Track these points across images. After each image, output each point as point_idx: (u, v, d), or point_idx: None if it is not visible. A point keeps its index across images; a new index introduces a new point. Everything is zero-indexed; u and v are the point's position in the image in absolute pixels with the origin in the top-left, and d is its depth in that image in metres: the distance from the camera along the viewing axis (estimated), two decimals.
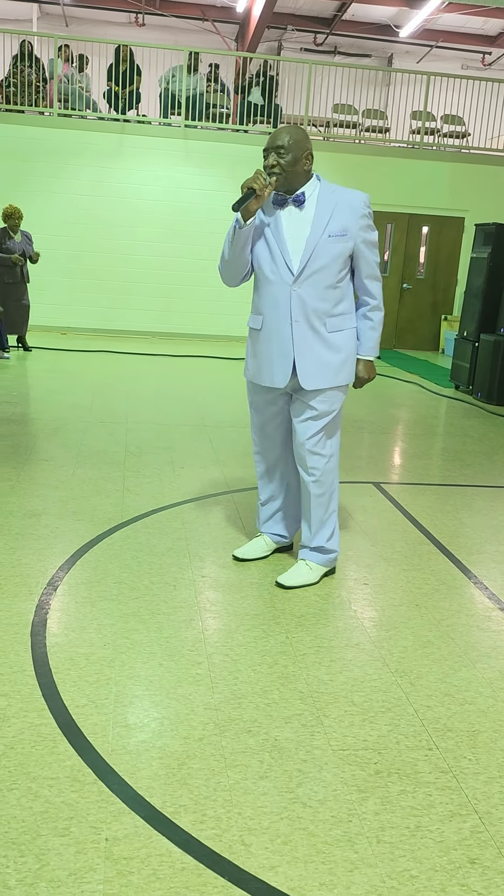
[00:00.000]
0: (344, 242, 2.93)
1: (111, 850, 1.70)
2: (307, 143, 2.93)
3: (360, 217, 2.95)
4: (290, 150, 2.89)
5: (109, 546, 3.43)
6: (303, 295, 2.94)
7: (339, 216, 2.93)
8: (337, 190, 2.98)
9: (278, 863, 1.69)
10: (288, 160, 2.89)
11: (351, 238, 2.94)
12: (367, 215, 2.97)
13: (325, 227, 2.92)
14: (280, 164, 2.89)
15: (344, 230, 2.93)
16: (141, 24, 16.29)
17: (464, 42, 16.57)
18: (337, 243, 2.92)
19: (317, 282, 2.94)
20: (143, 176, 11.18)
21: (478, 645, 2.74)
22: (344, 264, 2.97)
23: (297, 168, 2.92)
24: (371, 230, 3.00)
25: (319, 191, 2.97)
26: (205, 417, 6.19)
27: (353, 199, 2.96)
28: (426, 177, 11.68)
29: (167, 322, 11.56)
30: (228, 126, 11.62)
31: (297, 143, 2.89)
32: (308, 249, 2.91)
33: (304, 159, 2.92)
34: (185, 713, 2.21)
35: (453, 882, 1.66)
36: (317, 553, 3.17)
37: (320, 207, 2.94)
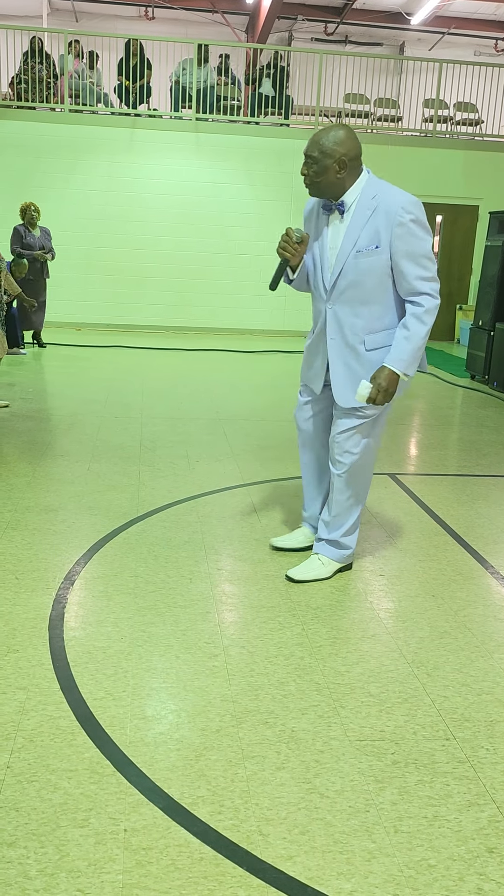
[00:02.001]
0: (376, 256, 2.75)
1: (130, 840, 1.71)
2: (340, 149, 2.69)
3: (397, 226, 2.70)
4: (318, 160, 2.72)
5: (125, 540, 3.45)
6: (337, 312, 2.88)
7: (372, 226, 2.73)
8: (379, 193, 2.74)
9: (296, 853, 1.70)
10: (315, 170, 2.75)
11: (385, 250, 2.74)
12: (404, 223, 2.70)
13: (356, 242, 2.76)
14: (308, 175, 2.77)
15: (376, 242, 2.74)
16: (151, 17, 16.26)
17: (476, 28, 16.39)
18: (367, 258, 2.75)
19: (350, 298, 2.83)
20: (154, 170, 11.17)
21: (495, 635, 2.73)
22: (380, 278, 2.78)
23: (328, 178, 2.74)
24: (410, 239, 2.72)
25: (360, 196, 2.76)
26: (219, 411, 6.20)
27: (391, 204, 2.71)
28: (439, 165, 11.59)
29: (181, 316, 11.57)
30: (240, 118, 11.59)
31: (325, 153, 2.70)
32: (338, 266, 2.81)
33: (335, 167, 2.71)
34: (202, 705, 2.23)
35: (471, 871, 1.66)
36: (331, 547, 3.14)
37: (356, 217, 2.77)
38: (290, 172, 11.34)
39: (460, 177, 11.65)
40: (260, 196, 11.38)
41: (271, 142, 11.27)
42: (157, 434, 5.34)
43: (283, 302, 11.71)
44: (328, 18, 16.35)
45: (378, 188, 2.77)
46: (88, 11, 16.06)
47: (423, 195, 11.63)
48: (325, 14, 16.22)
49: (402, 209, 2.71)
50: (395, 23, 16.17)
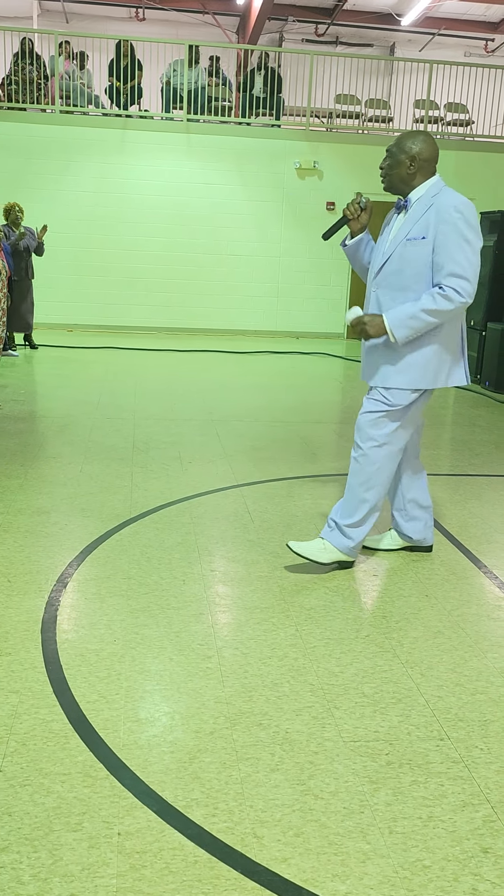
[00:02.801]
0: (421, 246, 2.89)
1: (124, 844, 1.70)
2: (415, 148, 2.92)
3: (443, 222, 2.85)
4: (393, 154, 2.97)
5: (118, 542, 3.43)
6: (379, 295, 3.03)
7: (425, 220, 2.90)
8: (440, 193, 2.92)
9: (291, 855, 1.69)
10: (389, 163, 2.99)
11: (429, 242, 2.88)
12: (451, 221, 2.84)
13: (408, 232, 2.94)
14: (384, 166, 3.01)
15: (424, 234, 2.89)
16: (141, 18, 16.24)
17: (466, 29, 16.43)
18: (414, 247, 2.91)
19: (391, 284, 2.98)
20: (146, 171, 11.16)
21: (488, 635, 2.73)
22: (421, 268, 2.91)
23: (400, 172, 2.96)
24: (452, 237, 2.83)
25: (424, 196, 2.95)
26: (212, 412, 6.19)
27: (443, 202, 2.88)
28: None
29: (173, 317, 11.56)
30: (231, 119, 11.58)
31: (402, 148, 2.94)
32: (388, 251, 3.00)
33: (406, 163, 2.93)
34: (196, 707, 2.22)
35: (466, 872, 1.66)
36: (337, 532, 3.15)
37: (414, 211, 2.95)
38: (281, 173, 11.34)
39: (451, 177, 11.67)
40: (252, 197, 11.38)
41: (263, 143, 11.27)
42: (149, 435, 5.33)
43: (275, 303, 11.72)
44: (319, 19, 16.37)
45: (440, 189, 2.95)
46: (79, 13, 16.03)
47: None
48: (316, 15, 16.23)
49: (454, 208, 2.86)
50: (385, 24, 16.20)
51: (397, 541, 3.46)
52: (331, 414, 6.39)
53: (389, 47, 17.43)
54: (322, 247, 11.61)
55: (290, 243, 11.58)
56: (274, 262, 11.61)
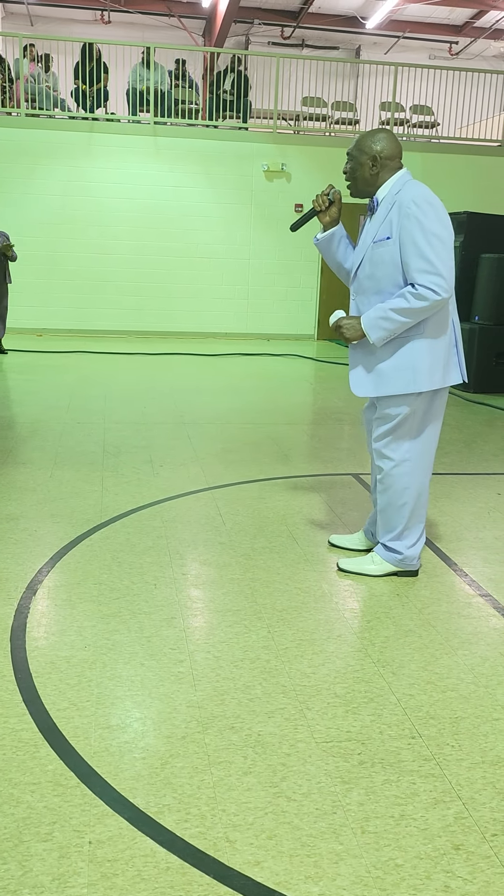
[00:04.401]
0: (387, 247, 2.81)
1: (95, 852, 1.68)
2: (374, 147, 2.85)
3: (404, 217, 2.76)
4: (354, 156, 2.90)
5: (89, 547, 3.41)
6: (359, 303, 2.98)
7: (389, 218, 2.82)
8: (403, 189, 2.82)
9: (263, 858, 1.68)
10: (351, 166, 2.92)
11: (395, 241, 2.79)
12: (412, 215, 2.74)
13: (375, 234, 2.86)
14: (346, 171, 2.94)
15: (388, 233, 2.81)
16: (106, 21, 16.19)
17: (430, 32, 16.61)
18: (381, 248, 2.83)
19: (366, 289, 2.93)
20: (114, 174, 11.11)
21: (459, 632, 2.75)
22: (391, 268, 2.83)
23: (362, 173, 2.89)
24: (414, 231, 2.73)
25: (387, 193, 2.87)
26: (183, 414, 6.17)
27: (403, 198, 2.78)
28: None
29: (143, 320, 11.52)
30: (198, 122, 11.58)
31: (361, 149, 2.87)
32: (358, 256, 2.95)
33: (369, 164, 2.86)
34: (168, 712, 2.20)
35: (438, 869, 1.67)
36: (384, 549, 3.15)
37: (380, 212, 2.88)
38: (249, 175, 11.36)
39: (418, 178, 11.76)
40: (220, 199, 11.38)
41: (231, 145, 11.27)
42: (120, 439, 5.30)
43: (246, 305, 11.72)
44: (284, 22, 16.44)
45: (402, 185, 2.85)
46: (43, 15, 15.94)
47: None
48: (282, 18, 16.30)
49: (412, 201, 2.76)
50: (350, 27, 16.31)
51: (363, 541, 3.43)
52: (302, 415, 6.40)
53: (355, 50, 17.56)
54: (292, 248, 11.64)
55: (260, 245, 11.59)
56: (243, 264, 11.62)
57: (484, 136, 13.54)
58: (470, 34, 16.59)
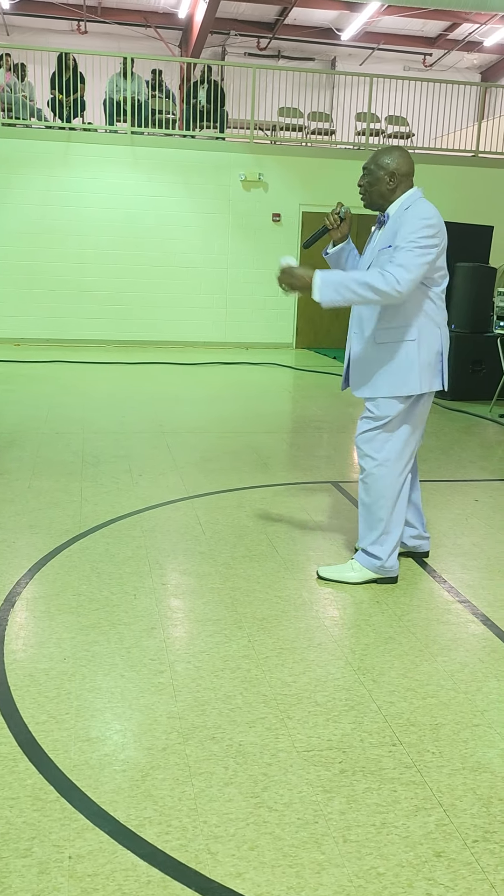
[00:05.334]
0: (388, 254, 2.94)
1: (75, 867, 1.67)
2: (392, 164, 2.98)
3: (409, 230, 2.89)
4: (372, 171, 3.02)
5: (68, 558, 3.38)
6: (361, 310, 3.11)
7: (395, 231, 2.94)
8: (412, 206, 2.96)
9: (245, 869, 1.68)
10: (368, 180, 3.04)
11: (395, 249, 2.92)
12: (408, 225, 2.89)
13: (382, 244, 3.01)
14: (363, 184, 3.07)
15: (391, 242, 2.95)
16: (83, 31, 16.19)
17: (405, 44, 16.79)
18: (382, 256, 2.97)
19: None
20: (92, 184, 11.09)
21: (438, 638, 2.76)
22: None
23: (379, 188, 3.02)
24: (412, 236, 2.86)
25: (398, 208, 3.00)
26: (162, 424, 6.16)
27: (412, 213, 2.93)
28: None
29: (122, 330, 11.48)
30: (175, 132, 11.60)
31: (379, 165, 3.00)
32: (365, 264, 3.09)
33: (386, 178, 2.99)
34: (148, 723, 2.19)
35: (420, 877, 1.67)
36: (363, 554, 3.18)
37: (389, 227, 3.01)
38: (227, 185, 11.39)
39: None
40: (198, 209, 11.40)
41: (208, 155, 11.31)
42: (99, 449, 5.28)
43: (224, 314, 11.74)
44: (260, 34, 16.53)
45: (412, 202, 2.99)
46: (19, 25, 15.91)
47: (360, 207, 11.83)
48: (258, 29, 16.39)
49: (417, 216, 2.92)
50: (326, 38, 16.44)
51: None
52: (281, 424, 6.41)
53: (330, 61, 17.70)
54: (270, 257, 11.68)
55: (238, 255, 11.62)
56: (222, 274, 11.64)
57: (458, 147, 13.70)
58: (443, 46, 16.79)
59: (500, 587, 3.23)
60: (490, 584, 3.25)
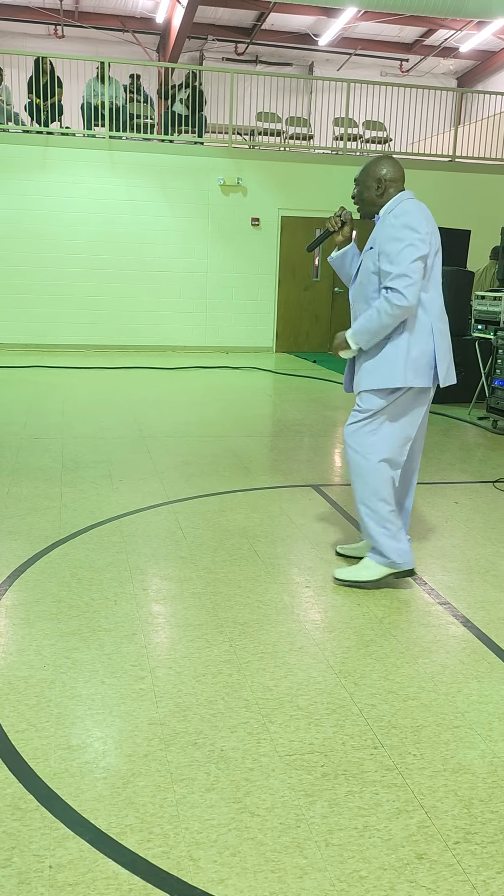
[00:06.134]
0: (370, 255, 3.06)
1: (55, 877, 1.65)
2: (380, 171, 3.08)
3: (383, 226, 3.01)
4: (361, 181, 3.14)
5: (47, 564, 3.36)
6: (355, 310, 3.22)
7: (378, 233, 3.04)
8: (396, 207, 3.04)
9: (227, 875, 1.67)
10: (359, 189, 3.16)
11: (376, 251, 3.02)
12: (389, 224, 2.98)
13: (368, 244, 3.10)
14: (354, 194, 3.20)
15: (372, 243, 3.06)
16: (60, 35, 16.14)
17: (382, 49, 16.91)
18: (366, 256, 3.10)
19: (359, 296, 3.15)
20: (70, 188, 11.05)
21: (419, 640, 2.77)
22: (372, 276, 3.06)
23: (369, 195, 3.12)
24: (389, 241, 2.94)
25: (384, 212, 3.09)
26: (143, 429, 6.14)
27: (392, 216, 3.01)
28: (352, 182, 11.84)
29: (102, 334, 11.44)
30: (154, 136, 11.59)
31: (369, 174, 3.10)
32: (354, 267, 3.25)
33: (374, 185, 3.09)
34: (129, 730, 2.18)
35: (402, 879, 1.67)
36: (375, 553, 3.20)
37: (376, 227, 3.10)
38: (206, 190, 11.40)
39: None
40: (177, 213, 11.40)
41: (186, 160, 11.31)
42: (79, 454, 5.25)
43: (204, 318, 11.73)
44: (238, 39, 16.58)
45: (395, 205, 3.06)
46: None
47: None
48: (235, 34, 16.44)
49: (392, 214, 3.01)
50: (303, 44, 16.52)
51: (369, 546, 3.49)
52: (261, 428, 6.41)
53: (308, 66, 17.78)
54: (249, 261, 11.70)
55: (217, 259, 11.63)
56: (201, 278, 11.64)
57: (435, 152, 13.81)
58: (420, 52, 16.93)
59: (480, 589, 3.25)
60: (470, 586, 3.27)
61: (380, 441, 3.11)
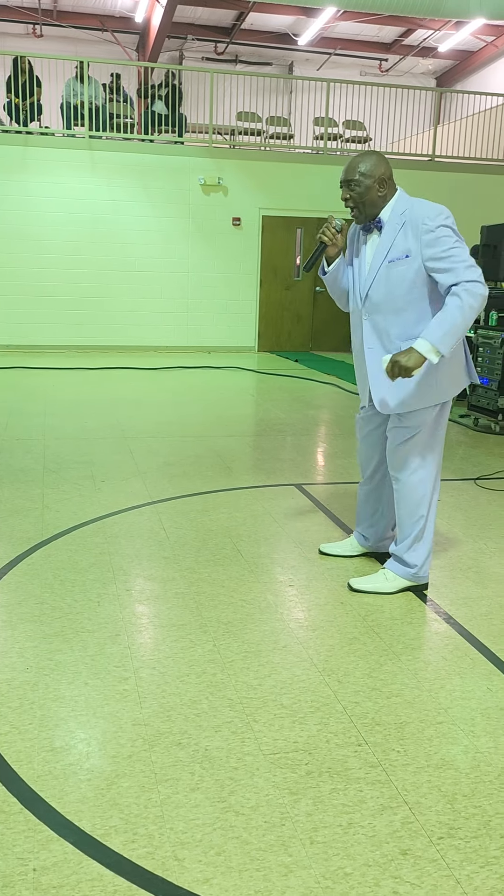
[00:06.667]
0: (407, 265, 2.87)
1: (39, 880, 1.64)
2: (380, 169, 2.88)
3: (423, 234, 2.82)
4: (361, 181, 2.89)
5: (30, 566, 3.34)
6: (375, 321, 3.00)
7: (403, 238, 2.87)
8: (409, 209, 2.89)
9: (212, 875, 1.67)
10: (359, 191, 2.90)
11: (416, 258, 2.85)
12: (430, 230, 2.81)
13: (387, 253, 2.91)
14: (352, 197, 2.92)
15: (406, 252, 2.87)
16: (39, 35, 16.05)
17: (361, 49, 16.96)
18: (398, 267, 2.88)
19: (385, 308, 2.95)
20: (50, 188, 11.00)
21: (402, 637, 2.78)
22: (412, 285, 2.88)
23: (371, 197, 2.91)
24: (437, 244, 2.80)
25: (392, 213, 2.92)
26: (125, 429, 6.12)
27: (416, 216, 2.85)
28: (332, 181, 11.87)
29: (82, 334, 11.40)
30: (134, 136, 11.56)
31: (369, 173, 2.88)
32: (370, 277, 2.97)
33: (377, 186, 2.89)
34: (113, 731, 2.17)
35: (386, 875, 1.68)
36: (396, 563, 3.17)
37: (388, 232, 2.92)
38: (186, 189, 11.38)
39: None
40: (158, 213, 11.38)
41: (167, 159, 11.29)
42: (61, 455, 5.22)
43: (186, 318, 11.72)
44: (218, 38, 16.56)
45: (408, 204, 2.92)
46: None
47: (319, 211, 11.92)
48: (215, 34, 16.42)
49: (427, 217, 2.84)
50: (283, 43, 16.54)
51: (356, 547, 3.52)
52: (244, 427, 6.42)
53: (288, 66, 17.80)
54: (231, 261, 11.70)
55: (199, 258, 11.62)
56: (183, 278, 11.62)
57: (415, 151, 13.88)
58: (399, 52, 17.00)
59: (463, 586, 3.27)
60: (452, 583, 3.29)
61: (430, 453, 3.05)
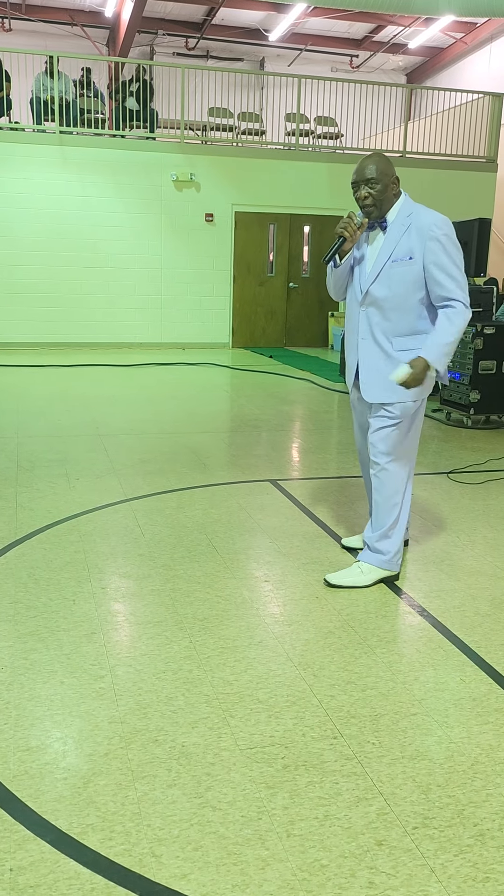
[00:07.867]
0: (409, 266, 2.99)
1: (16, 880, 1.64)
2: (392, 169, 3.03)
3: (429, 240, 2.95)
4: (380, 180, 2.99)
5: (3, 566, 3.32)
6: (370, 315, 3.11)
7: (407, 240, 2.99)
8: (413, 213, 3.01)
9: (190, 870, 1.68)
10: (379, 189, 3.00)
11: (418, 261, 2.98)
12: (435, 238, 2.94)
13: (391, 253, 3.02)
14: (372, 196, 3.01)
15: (409, 254, 2.99)
16: (8, 29, 15.88)
17: (332, 45, 16.99)
18: (400, 267, 3.00)
19: (383, 304, 3.06)
20: (20, 184, 10.89)
21: (377, 631, 2.81)
22: (411, 286, 3.00)
23: (388, 195, 3.02)
24: (442, 253, 2.95)
25: (398, 215, 3.03)
26: (99, 426, 6.09)
27: (423, 222, 2.97)
28: (304, 177, 11.90)
29: (55, 332, 11.31)
30: (105, 131, 11.48)
31: (385, 172, 3.00)
32: (373, 273, 3.07)
33: (392, 186, 3.01)
34: (89, 729, 2.17)
35: (362, 866, 1.69)
36: (370, 552, 3.22)
37: (393, 232, 3.03)
38: (158, 185, 11.33)
39: (325, 188, 12.01)
40: (130, 209, 11.32)
41: (139, 155, 11.23)
42: (34, 453, 5.19)
43: (159, 314, 11.68)
44: (188, 34, 16.50)
45: (413, 208, 3.05)
46: None
47: (291, 206, 11.94)
48: (185, 29, 16.35)
49: (434, 225, 2.96)
50: (254, 39, 16.51)
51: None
52: (218, 423, 6.42)
53: (259, 62, 17.78)
54: (204, 257, 11.67)
55: (172, 255, 11.58)
56: (156, 274, 11.58)
57: (386, 147, 13.93)
58: (369, 48, 17.06)
59: (436, 578, 3.30)
60: (425, 576, 3.32)
61: (408, 442, 3.17)
